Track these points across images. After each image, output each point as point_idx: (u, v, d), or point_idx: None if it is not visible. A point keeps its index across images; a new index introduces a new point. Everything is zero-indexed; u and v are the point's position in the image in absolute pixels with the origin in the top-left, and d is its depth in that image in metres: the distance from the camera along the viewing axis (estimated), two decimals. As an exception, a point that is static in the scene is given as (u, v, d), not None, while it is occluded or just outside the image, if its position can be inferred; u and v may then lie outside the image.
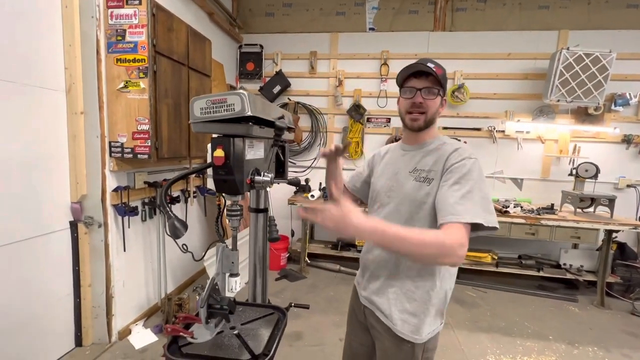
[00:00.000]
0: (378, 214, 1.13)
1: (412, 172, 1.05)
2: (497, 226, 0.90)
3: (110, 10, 2.01)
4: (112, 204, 2.15)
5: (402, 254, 0.94)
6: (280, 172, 1.34)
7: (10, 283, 1.72)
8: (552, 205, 3.32)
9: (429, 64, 1.00)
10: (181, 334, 0.92)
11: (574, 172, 3.29)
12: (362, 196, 1.33)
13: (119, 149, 2.09)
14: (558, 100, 3.21)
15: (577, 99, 3.16)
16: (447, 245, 0.84)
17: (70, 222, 2.04)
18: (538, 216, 3.09)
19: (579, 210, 3.20)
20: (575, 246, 3.56)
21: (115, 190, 2.15)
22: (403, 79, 1.06)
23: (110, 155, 2.11)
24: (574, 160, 3.48)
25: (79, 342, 2.14)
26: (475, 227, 0.90)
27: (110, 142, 2.09)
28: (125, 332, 2.30)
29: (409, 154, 1.11)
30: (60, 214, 1.99)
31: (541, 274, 3.34)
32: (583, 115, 3.48)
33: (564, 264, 3.41)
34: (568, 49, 3.10)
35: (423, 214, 1.01)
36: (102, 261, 2.14)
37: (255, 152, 1.03)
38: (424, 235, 0.85)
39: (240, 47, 3.94)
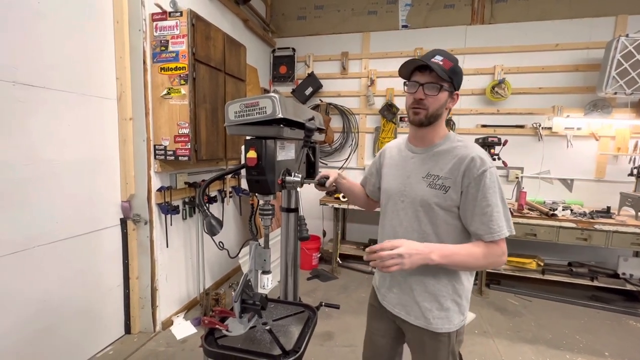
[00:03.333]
0: (393, 217, 1.12)
1: (426, 178, 1.03)
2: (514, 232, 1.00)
3: (155, 23, 2.16)
4: (157, 203, 2.31)
5: (459, 266, 0.99)
6: (310, 173, 1.37)
7: (70, 274, 1.92)
8: (609, 208, 3.02)
9: (437, 57, 0.97)
10: (217, 326, 0.97)
11: (635, 172, 2.98)
12: (377, 199, 1.32)
13: (163, 152, 2.24)
14: (615, 93, 2.92)
15: (638, 90, 2.86)
16: (498, 255, 0.97)
17: (121, 219, 2.22)
18: (591, 220, 2.82)
19: (641, 214, 2.88)
20: (636, 254, 3.20)
21: (159, 190, 2.31)
22: (409, 73, 1.04)
23: (155, 158, 2.27)
24: (634, 158, 3.15)
25: (127, 329, 2.32)
26: None
27: (154, 146, 2.25)
28: (168, 323, 2.46)
29: (418, 157, 1.08)
30: (112, 212, 2.18)
31: (595, 283, 3.05)
32: (646, 108, 3.13)
33: (623, 274, 3.08)
34: (627, 35, 2.81)
35: (441, 219, 1.01)
36: (147, 256, 2.31)
37: (286, 153, 1.05)
38: (474, 250, 0.97)
39: (273, 51, 4.04)
